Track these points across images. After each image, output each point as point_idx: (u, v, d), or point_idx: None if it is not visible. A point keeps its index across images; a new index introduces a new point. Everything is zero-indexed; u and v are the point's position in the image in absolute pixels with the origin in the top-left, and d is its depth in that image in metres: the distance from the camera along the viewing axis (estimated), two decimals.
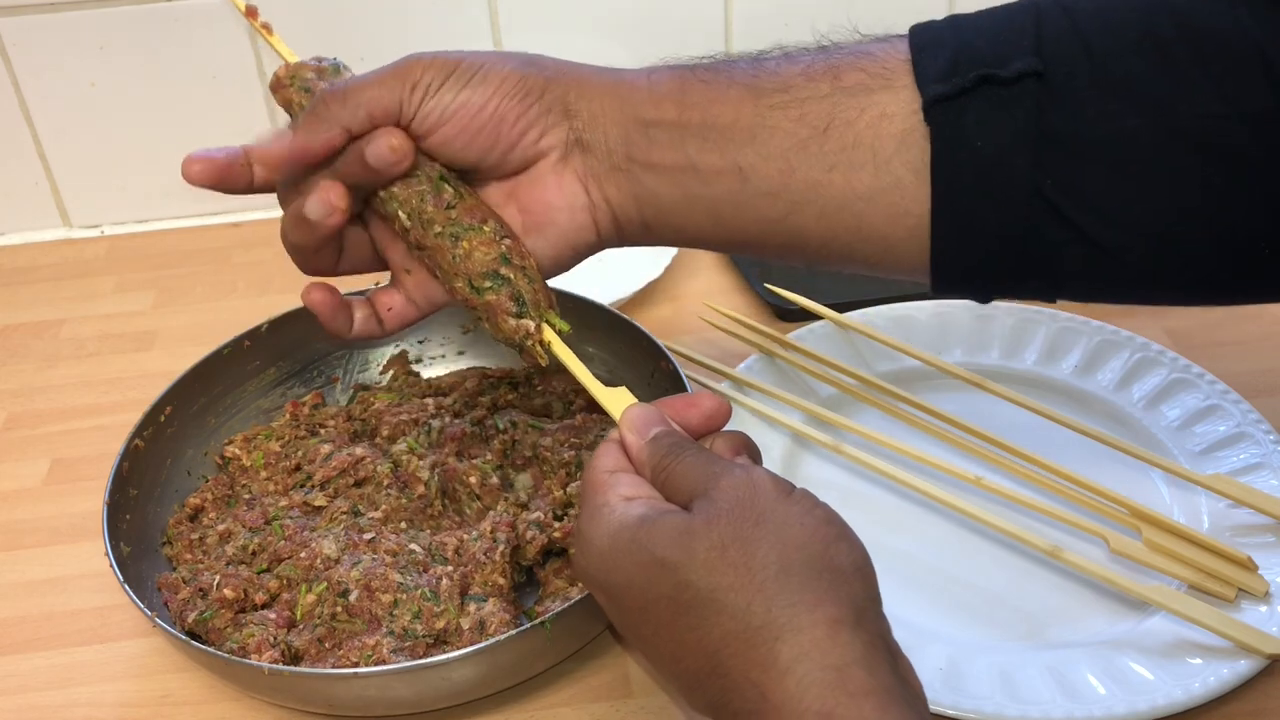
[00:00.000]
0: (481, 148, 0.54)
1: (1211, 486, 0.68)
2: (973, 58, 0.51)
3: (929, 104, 0.50)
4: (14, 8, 0.95)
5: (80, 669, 0.66)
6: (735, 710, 0.42)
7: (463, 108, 0.53)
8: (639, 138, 0.54)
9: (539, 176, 0.56)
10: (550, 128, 0.55)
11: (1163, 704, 0.58)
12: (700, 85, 0.54)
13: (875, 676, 0.41)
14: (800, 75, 0.53)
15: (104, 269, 1.00)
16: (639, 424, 0.50)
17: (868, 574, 0.44)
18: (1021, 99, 0.50)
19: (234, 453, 0.74)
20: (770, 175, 0.53)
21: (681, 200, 0.54)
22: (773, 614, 0.41)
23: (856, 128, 0.52)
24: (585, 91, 0.55)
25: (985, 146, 0.50)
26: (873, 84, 0.52)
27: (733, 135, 0.53)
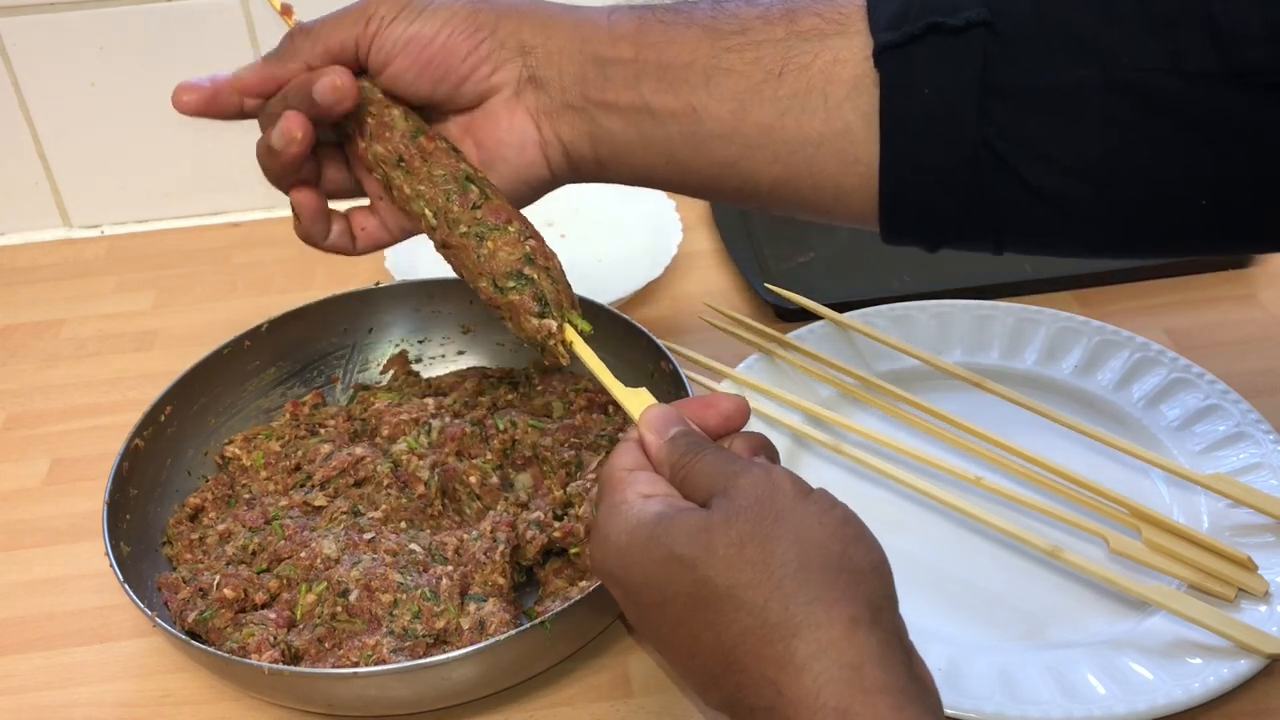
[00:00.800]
0: (431, 79, 0.56)
1: (1211, 486, 0.68)
2: (924, 5, 0.51)
3: (878, 50, 0.51)
4: (14, 8, 0.95)
5: (80, 669, 0.66)
6: (751, 706, 0.42)
7: (412, 40, 0.55)
8: (595, 76, 0.55)
9: (492, 112, 0.57)
10: (502, 63, 0.56)
11: (1163, 704, 0.58)
12: (659, 25, 0.55)
13: (891, 675, 0.41)
14: (758, 18, 0.54)
15: (104, 269, 1.00)
16: (658, 424, 0.50)
17: (885, 574, 0.44)
18: (969, 48, 0.50)
19: (234, 453, 0.74)
20: (723, 117, 0.53)
21: (636, 140, 0.55)
22: (790, 611, 0.41)
23: (810, 72, 0.52)
24: (542, 28, 0.56)
25: (932, 94, 0.51)
26: (827, 29, 0.52)
27: (688, 76, 0.54)
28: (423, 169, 0.57)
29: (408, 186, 0.57)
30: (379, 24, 0.55)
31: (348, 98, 0.54)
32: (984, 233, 0.54)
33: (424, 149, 0.57)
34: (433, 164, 0.57)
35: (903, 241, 0.56)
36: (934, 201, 0.53)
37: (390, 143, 0.57)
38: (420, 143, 0.57)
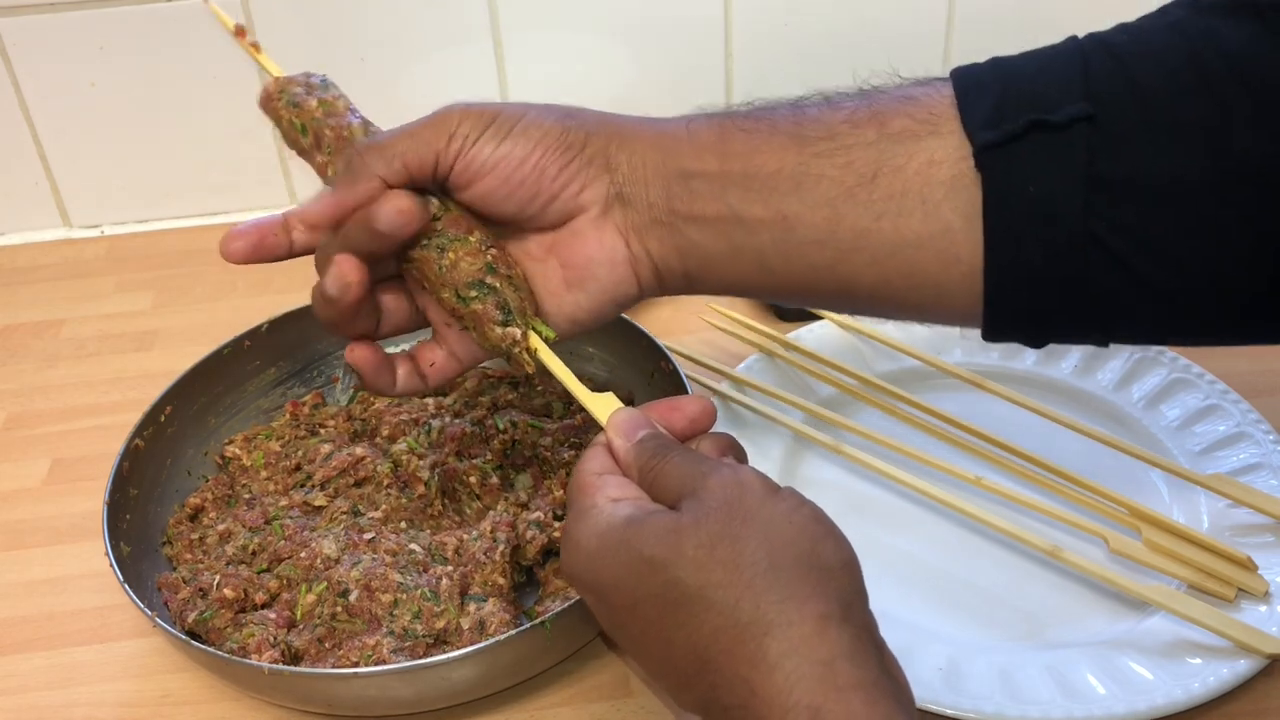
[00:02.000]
0: (520, 200, 0.54)
1: (1211, 486, 0.68)
2: (1021, 102, 0.50)
3: (979, 151, 0.50)
4: (14, 8, 0.95)
5: (80, 669, 0.66)
6: (725, 706, 0.42)
7: (503, 160, 0.53)
8: (680, 189, 0.53)
9: (579, 230, 0.55)
10: (590, 181, 0.54)
11: (1163, 704, 0.58)
12: (741, 134, 0.54)
13: (863, 670, 0.41)
14: (845, 122, 0.53)
15: (104, 269, 1.00)
16: (625, 427, 0.50)
17: (854, 570, 0.44)
18: (1073, 143, 0.49)
19: (234, 453, 0.74)
20: (817, 223, 0.52)
21: (726, 251, 0.54)
22: (761, 610, 0.41)
23: (905, 174, 0.51)
24: (625, 144, 0.54)
25: (1037, 192, 0.49)
26: (919, 130, 0.51)
27: (776, 184, 0.52)
28: None
29: None
30: (463, 141, 0.53)
31: (414, 221, 0.52)
32: (1091, 326, 0.53)
33: None
34: None
35: (1005, 338, 0.55)
36: (1040, 298, 0.51)
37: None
38: None
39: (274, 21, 0.97)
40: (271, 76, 0.58)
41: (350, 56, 1.00)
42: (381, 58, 1.00)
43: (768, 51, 1.03)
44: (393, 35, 0.99)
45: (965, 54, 1.12)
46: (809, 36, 1.03)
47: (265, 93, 0.58)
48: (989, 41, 1.11)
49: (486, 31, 1.00)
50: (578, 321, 0.56)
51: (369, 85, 1.00)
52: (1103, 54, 0.51)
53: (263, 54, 0.59)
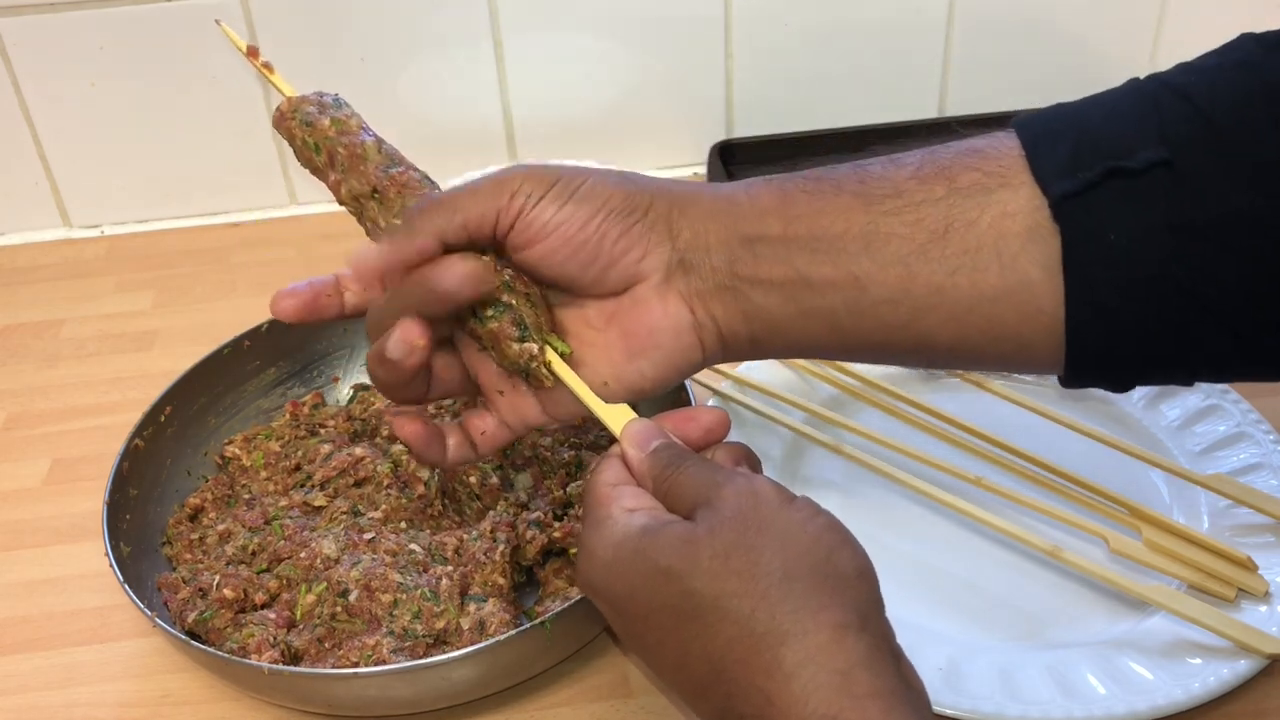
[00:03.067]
0: (580, 263, 0.52)
1: (1211, 486, 0.68)
2: (1095, 150, 0.49)
3: (1057, 201, 0.49)
4: (14, 8, 0.95)
5: (80, 669, 0.66)
6: (741, 715, 0.42)
7: (565, 223, 0.52)
8: (744, 254, 0.52)
9: (641, 298, 0.53)
10: (652, 248, 0.53)
11: (1163, 704, 0.58)
12: (804, 196, 0.53)
13: (880, 679, 0.41)
14: (911, 179, 0.52)
15: (104, 269, 1.00)
16: (640, 438, 0.50)
17: (870, 579, 0.44)
18: (1152, 189, 0.48)
19: (234, 453, 0.74)
20: (889, 282, 0.51)
21: (795, 314, 0.53)
22: (777, 620, 0.42)
23: (978, 228, 0.50)
24: (686, 211, 0.53)
25: (1119, 240, 0.49)
26: (989, 183, 0.51)
27: (845, 245, 0.51)
28: (397, 201, 0.55)
29: (382, 220, 0.56)
30: (525, 200, 0.51)
31: (481, 285, 0.51)
32: (1176, 369, 0.53)
33: (398, 180, 0.55)
34: (407, 195, 0.55)
35: (1087, 384, 0.54)
36: (1124, 344, 0.51)
37: (365, 175, 0.56)
38: (394, 175, 0.56)
39: (274, 22, 0.97)
40: (285, 96, 0.58)
41: (350, 56, 1.00)
42: (381, 58, 1.00)
43: (768, 51, 1.03)
44: (393, 35, 0.99)
45: (965, 54, 1.13)
46: (809, 36, 1.03)
47: (279, 112, 0.58)
48: (989, 41, 1.12)
49: (486, 31, 1.00)
50: (640, 391, 0.54)
51: (369, 85, 1.01)
52: (1172, 96, 0.50)
53: (275, 74, 0.59)
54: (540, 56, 1.02)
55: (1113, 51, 1.06)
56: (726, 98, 1.05)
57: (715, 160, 1.03)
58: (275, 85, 0.59)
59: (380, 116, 1.11)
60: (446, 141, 1.04)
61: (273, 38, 0.98)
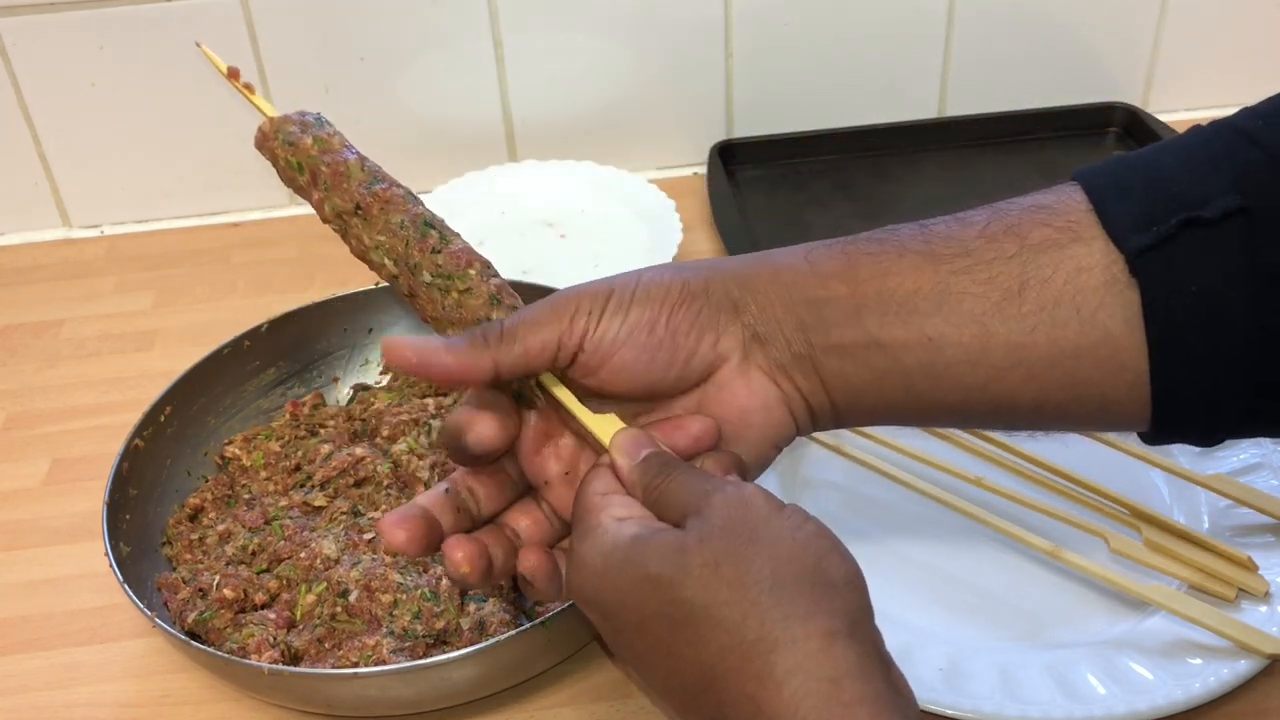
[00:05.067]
0: (661, 366, 0.51)
1: (1211, 486, 0.68)
2: (1168, 201, 0.49)
3: (1133, 255, 0.48)
4: (14, 8, 0.95)
5: (80, 669, 0.66)
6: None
7: (635, 329, 0.50)
8: (813, 320, 0.51)
9: (725, 382, 0.52)
10: (724, 328, 0.52)
11: (1163, 704, 0.58)
12: (867, 258, 0.52)
13: (868, 686, 0.41)
14: (979, 238, 0.51)
15: (104, 269, 1.00)
16: (629, 447, 0.49)
17: (860, 586, 0.44)
18: (1230, 238, 0.48)
19: (234, 453, 0.74)
20: (965, 342, 0.50)
21: (869, 379, 0.52)
22: (767, 627, 0.42)
23: (1054, 285, 0.49)
24: (747, 284, 0.52)
25: (1200, 291, 0.48)
26: (1061, 238, 0.50)
27: (916, 304, 0.50)
28: (380, 218, 0.55)
29: (366, 236, 0.55)
30: (587, 319, 0.50)
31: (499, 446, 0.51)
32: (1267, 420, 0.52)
33: (381, 197, 0.55)
34: (390, 211, 0.55)
35: (1174, 440, 0.53)
36: (1213, 396, 0.50)
37: (348, 193, 0.55)
38: (377, 191, 0.55)
39: (274, 22, 0.97)
40: (266, 117, 0.58)
41: (350, 57, 1.00)
42: (381, 58, 1.00)
43: (768, 51, 1.03)
44: (393, 35, 0.99)
45: (965, 54, 1.13)
46: (809, 36, 1.03)
47: (260, 134, 0.57)
48: (989, 41, 1.11)
49: (486, 31, 1.00)
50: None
51: (369, 85, 1.01)
52: (1242, 142, 0.50)
53: (256, 95, 0.59)
54: (540, 56, 1.02)
55: (1112, 52, 1.06)
56: (726, 98, 1.05)
57: (715, 160, 1.03)
58: (256, 106, 0.58)
59: (380, 116, 1.11)
60: (446, 141, 1.04)
61: (273, 38, 0.98)
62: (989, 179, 1.02)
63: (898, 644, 0.45)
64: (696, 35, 1.02)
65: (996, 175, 1.03)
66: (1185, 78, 1.08)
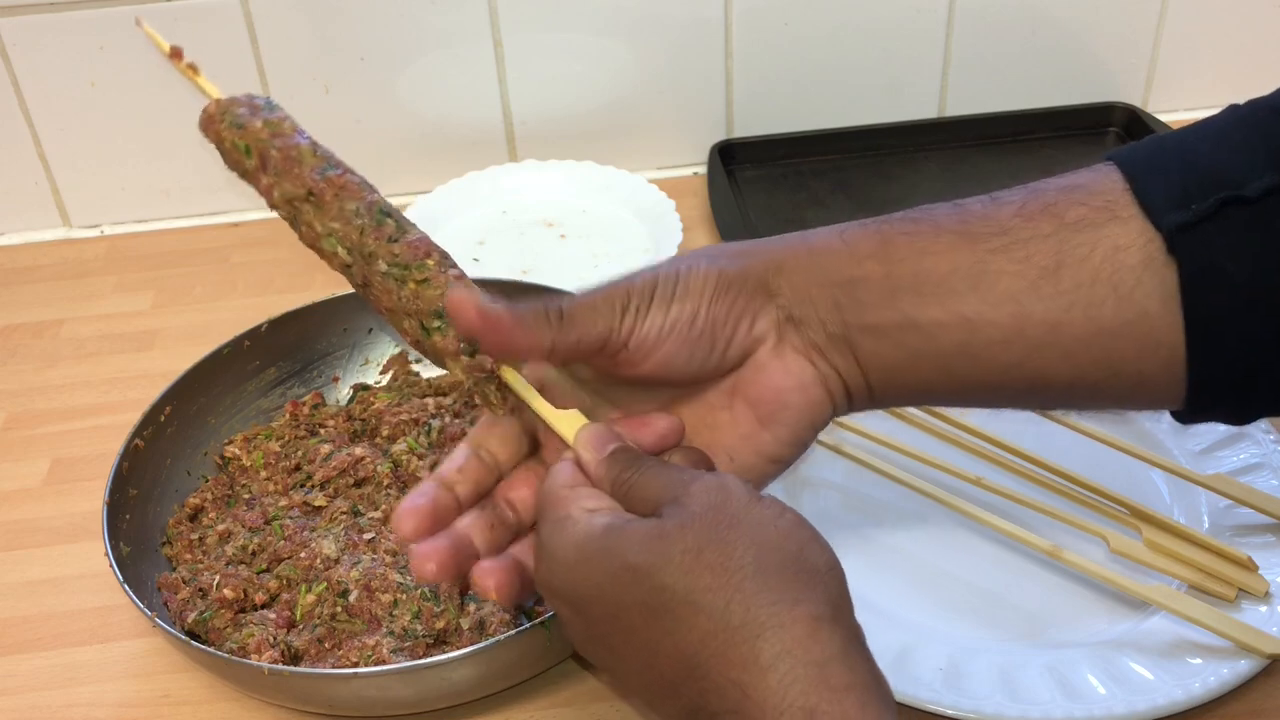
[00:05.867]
0: (702, 356, 0.52)
1: (1211, 486, 0.68)
2: (1205, 180, 0.49)
3: (1171, 233, 0.48)
4: (14, 8, 0.95)
5: (80, 669, 0.66)
6: (714, 711, 0.42)
7: (678, 323, 0.51)
8: (847, 301, 0.51)
9: (761, 365, 0.53)
10: (759, 312, 0.52)
11: (1163, 704, 0.58)
12: (903, 238, 0.52)
13: (855, 673, 0.41)
14: (1016, 217, 0.51)
15: (104, 269, 1.00)
16: (595, 442, 0.49)
17: (840, 574, 0.44)
18: (1270, 216, 0.48)
19: (234, 453, 0.74)
20: (1001, 321, 0.50)
21: (905, 358, 0.52)
22: (752, 613, 0.41)
23: (1091, 263, 0.49)
24: (782, 266, 0.52)
25: (1239, 270, 0.48)
26: (1098, 218, 0.50)
27: (952, 285, 0.50)
28: (334, 204, 0.53)
29: (318, 224, 0.54)
30: (635, 314, 0.50)
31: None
32: None
33: (335, 183, 0.53)
34: (345, 198, 0.53)
35: (1207, 418, 0.53)
36: (1250, 375, 0.50)
37: (300, 178, 0.54)
38: (331, 177, 0.53)
39: (274, 22, 0.97)
40: (212, 99, 0.57)
41: (350, 56, 1.00)
42: (381, 58, 1.00)
43: (768, 51, 1.03)
44: (393, 35, 0.99)
45: (965, 54, 1.13)
46: (809, 36, 1.03)
47: (205, 114, 0.56)
48: (989, 41, 1.11)
49: (486, 31, 1.00)
50: (780, 459, 0.53)
51: (369, 85, 1.01)
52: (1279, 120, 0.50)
53: (201, 76, 0.58)
54: (540, 56, 1.02)
55: (1113, 51, 1.06)
56: (726, 98, 1.05)
57: (715, 160, 1.03)
58: (201, 87, 0.57)
59: (380, 116, 1.11)
60: (446, 141, 1.04)
61: (273, 37, 0.98)
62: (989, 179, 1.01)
63: (898, 644, 0.45)
64: (696, 35, 1.02)
65: (996, 175, 1.02)
66: (1185, 78, 1.08)
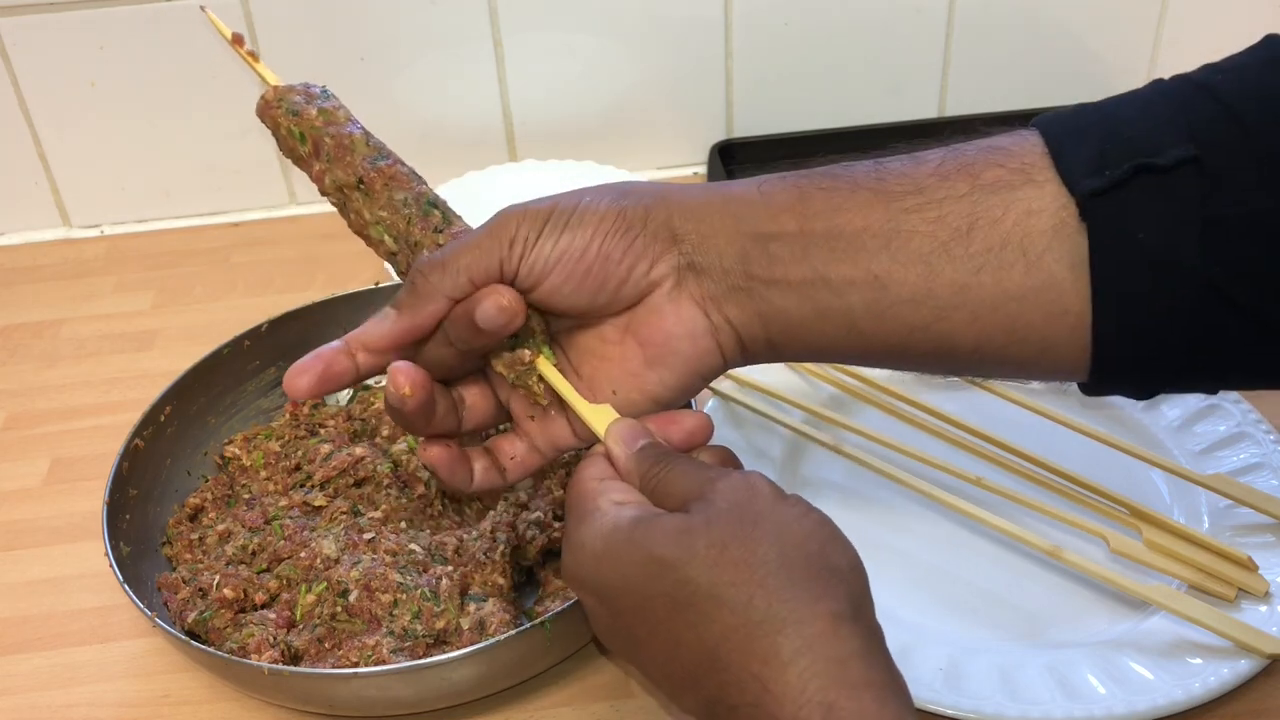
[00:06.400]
0: (592, 290, 0.52)
1: (1211, 486, 0.68)
2: (1121, 148, 0.49)
3: (1084, 198, 0.48)
4: (14, 8, 0.95)
5: (80, 669, 0.66)
6: (733, 704, 0.42)
7: (565, 254, 0.51)
8: (758, 253, 0.52)
9: (655, 307, 0.53)
10: (659, 256, 0.52)
11: (1163, 704, 0.58)
12: (820, 193, 0.52)
13: (873, 670, 0.41)
14: (932, 175, 0.51)
15: (104, 269, 1.00)
16: (625, 436, 0.50)
17: (862, 574, 0.45)
18: (1181, 186, 0.48)
19: (234, 453, 0.74)
20: (911, 281, 0.50)
21: (812, 314, 0.52)
22: (774, 608, 0.42)
23: (1002, 226, 0.49)
24: (690, 212, 0.52)
25: (1148, 238, 0.48)
26: (1014, 180, 0.50)
27: (864, 242, 0.50)
28: (384, 193, 0.55)
29: (367, 211, 0.55)
30: (524, 244, 0.51)
31: (519, 315, 0.50)
32: (1206, 374, 0.52)
33: (385, 172, 0.55)
34: (394, 188, 0.55)
35: (1110, 391, 0.53)
36: (1154, 347, 0.50)
37: (351, 166, 0.55)
38: (382, 167, 0.55)
39: (274, 22, 0.97)
40: (270, 85, 0.58)
41: (350, 56, 1.00)
42: (381, 58, 1.00)
43: (768, 51, 1.03)
44: (393, 35, 0.99)
45: (965, 55, 1.13)
46: (809, 36, 1.03)
47: (263, 101, 0.57)
48: (989, 42, 1.11)
49: (486, 31, 1.00)
50: (661, 400, 0.54)
51: (369, 85, 1.01)
52: (1201, 96, 0.49)
53: (260, 63, 0.59)
54: (540, 56, 1.02)
55: (1112, 51, 1.06)
56: (726, 98, 1.05)
57: (715, 160, 1.03)
58: (260, 74, 0.58)
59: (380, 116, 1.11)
60: (447, 141, 1.04)
61: (272, 37, 0.98)
62: None
63: (898, 644, 0.45)
64: (696, 35, 1.02)
65: None
66: None
